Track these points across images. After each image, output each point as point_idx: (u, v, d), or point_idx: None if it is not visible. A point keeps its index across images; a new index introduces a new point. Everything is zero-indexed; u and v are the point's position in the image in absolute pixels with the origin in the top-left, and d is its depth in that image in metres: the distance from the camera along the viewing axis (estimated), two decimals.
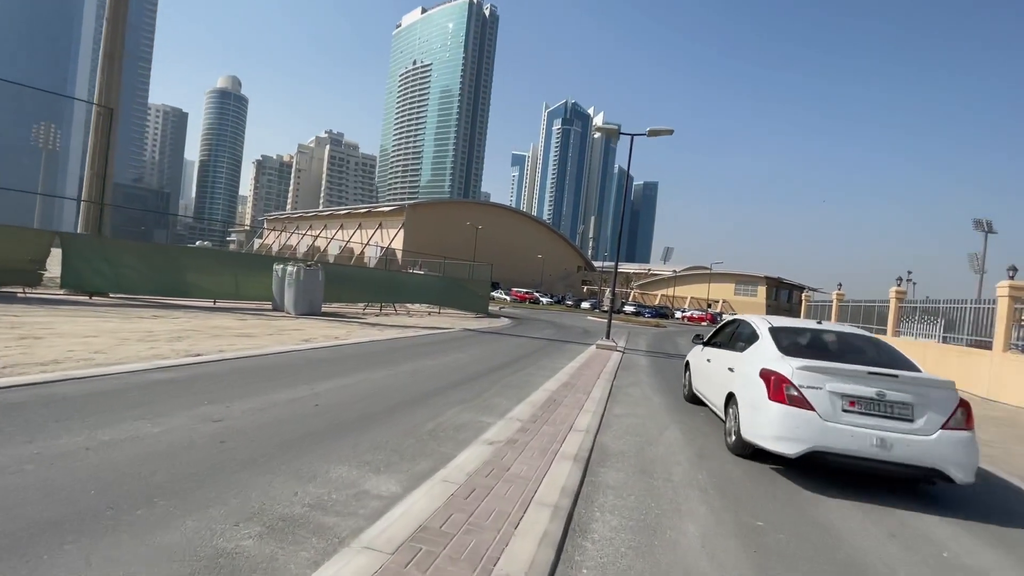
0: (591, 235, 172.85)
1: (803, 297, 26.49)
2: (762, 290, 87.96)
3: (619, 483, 4.06)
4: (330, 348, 9.76)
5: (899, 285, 16.53)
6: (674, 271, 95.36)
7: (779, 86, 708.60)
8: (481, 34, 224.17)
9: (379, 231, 69.68)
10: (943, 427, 4.05)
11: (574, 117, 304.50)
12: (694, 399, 7.45)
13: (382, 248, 62.04)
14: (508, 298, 55.64)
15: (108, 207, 17.30)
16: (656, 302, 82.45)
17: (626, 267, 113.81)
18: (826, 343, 5.20)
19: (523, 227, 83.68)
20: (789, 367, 4.39)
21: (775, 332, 5.27)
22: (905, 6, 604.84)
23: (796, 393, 4.25)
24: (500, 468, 3.94)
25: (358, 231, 72.73)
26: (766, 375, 4.53)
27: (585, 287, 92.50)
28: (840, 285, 21.89)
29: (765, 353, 4.98)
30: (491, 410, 6.04)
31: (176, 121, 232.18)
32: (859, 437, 4.02)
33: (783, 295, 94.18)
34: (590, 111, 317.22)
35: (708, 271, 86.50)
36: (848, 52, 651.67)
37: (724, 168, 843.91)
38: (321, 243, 74.82)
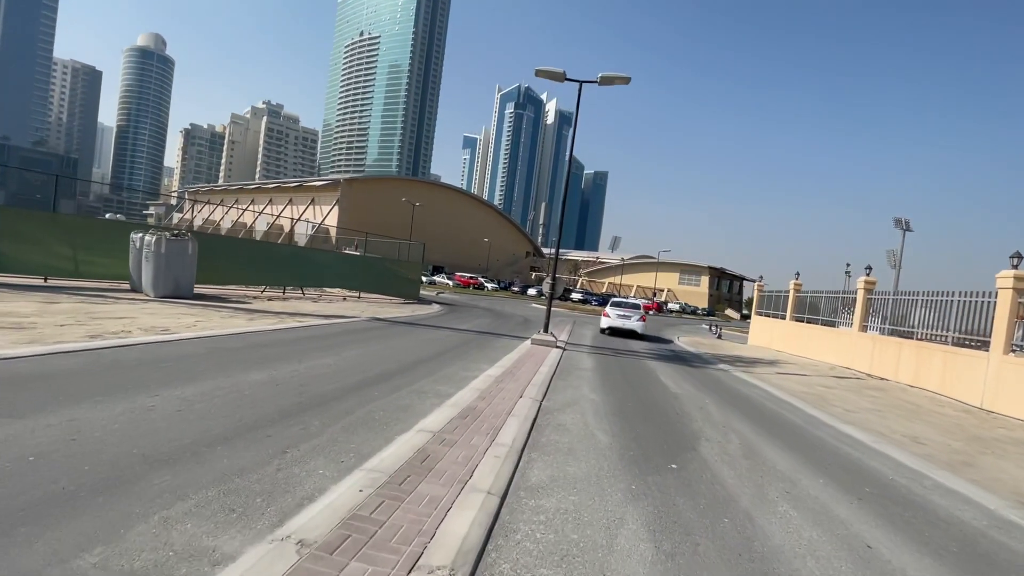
0: (541, 221, 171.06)
1: (756, 287, 25.22)
2: (705, 280, 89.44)
3: None
4: (138, 347, 6.42)
5: (868, 275, 14.91)
6: (622, 259, 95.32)
7: (737, 78, 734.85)
8: (433, 9, 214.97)
9: (312, 207, 63.95)
10: (640, 320, 18.58)
11: (527, 102, 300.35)
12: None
13: (313, 225, 56.76)
14: (451, 283, 52.37)
15: None
16: (603, 290, 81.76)
17: (574, 254, 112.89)
18: (620, 302, 21.02)
19: (471, 210, 80.00)
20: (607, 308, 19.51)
21: (613, 301, 21.00)
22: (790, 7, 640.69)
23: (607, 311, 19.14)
24: None
25: (289, 207, 66.55)
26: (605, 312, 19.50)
27: (534, 273, 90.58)
28: (798, 275, 20.45)
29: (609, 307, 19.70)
30: (277, 497, 3.05)
31: (88, 80, 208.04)
32: (619, 320, 18.47)
33: (724, 285, 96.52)
34: (543, 96, 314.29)
35: (655, 260, 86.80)
36: (792, 52, 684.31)
37: (676, 161, 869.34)
38: (248, 218, 68.24)
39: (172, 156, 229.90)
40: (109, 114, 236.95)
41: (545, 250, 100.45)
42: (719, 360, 14.71)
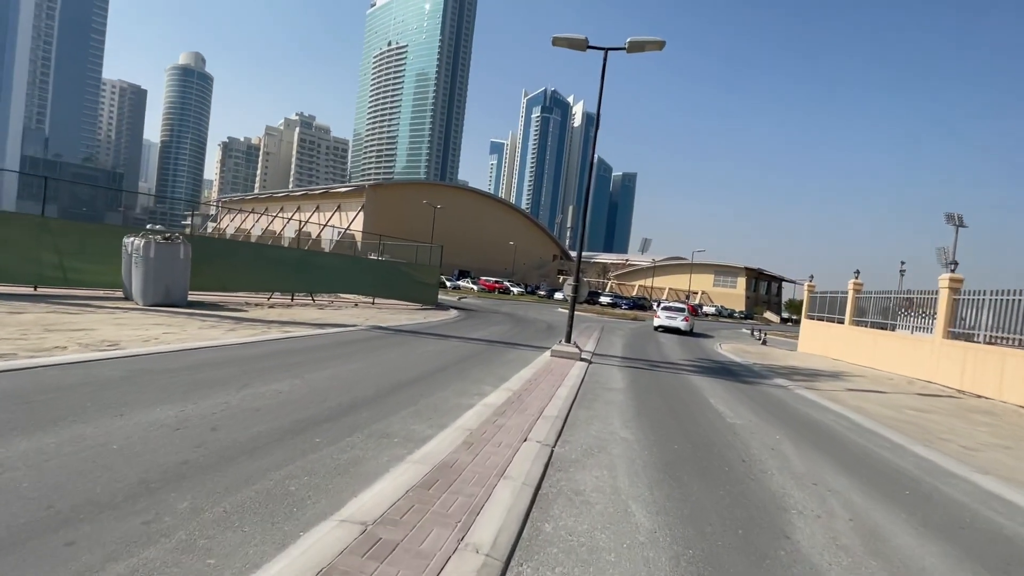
0: (569, 224, 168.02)
1: (806, 288, 22.69)
2: (741, 281, 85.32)
3: None
4: (37, 370, 5.06)
5: (952, 270, 12.53)
6: (653, 260, 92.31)
7: (766, 84, 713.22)
8: (459, 16, 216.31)
9: (338, 214, 63.90)
10: (684, 320, 23.51)
11: (554, 105, 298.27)
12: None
13: (340, 231, 56.52)
14: (475, 288, 51.01)
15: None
16: (633, 293, 78.92)
17: (603, 257, 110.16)
18: (668, 305, 26.15)
19: (497, 214, 78.65)
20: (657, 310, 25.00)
21: (663, 305, 26.68)
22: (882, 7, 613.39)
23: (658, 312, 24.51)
24: None
25: (316, 213, 66.81)
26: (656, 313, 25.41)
27: (561, 277, 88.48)
28: (857, 273, 17.96)
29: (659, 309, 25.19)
30: None
31: (134, 99, 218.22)
32: (668, 320, 23.44)
33: (762, 286, 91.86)
34: (570, 99, 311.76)
35: (687, 262, 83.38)
36: (831, 54, 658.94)
37: (708, 163, 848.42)
38: (278, 226, 69.02)
39: (211, 168, 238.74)
40: (153, 130, 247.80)
41: (573, 253, 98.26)
42: (773, 373, 12.60)
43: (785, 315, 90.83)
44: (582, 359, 10.37)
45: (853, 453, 5.71)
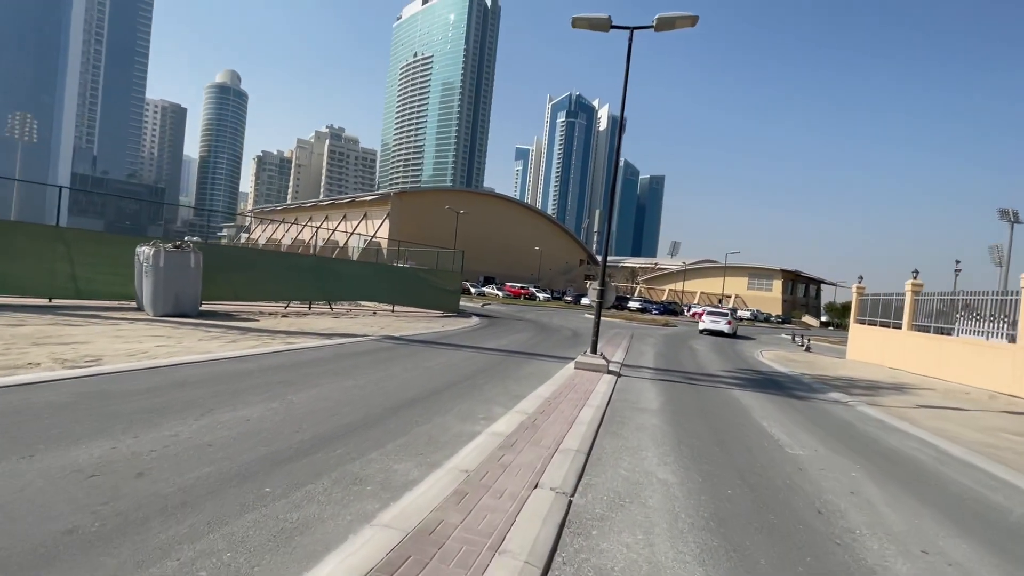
0: (595, 229, 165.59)
1: (855, 290, 20.89)
2: (777, 284, 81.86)
3: None
4: (14, 388, 4.41)
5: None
6: (683, 263, 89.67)
7: (794, 80, 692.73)
8: (483, 25, 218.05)
9: (364, 222, 64.35)
10: (728, 323, 26.16)
11: (579, 110, 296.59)
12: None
13: (366, 239, 56.77)
14: (500, 294, 50.18)
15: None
16: (663, 297, 76.63)
17: (631, 261, 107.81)
18: (712, 311, 28.35)
19: (523, 219, 77.81)
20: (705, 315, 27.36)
21: (708, 310, 28.81)
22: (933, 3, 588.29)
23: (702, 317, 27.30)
24: None
25: (343, 222, 67.51)
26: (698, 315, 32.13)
27: (588, 282, 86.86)
28: (916, 273, 16.24)
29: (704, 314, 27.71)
30: None
31: (175, 117, 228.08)
32: (712, 324, 26.17)
33: (799, 289, 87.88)
34: (595, 103, 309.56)
35: (719, 265, 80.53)
36: (869, 48, 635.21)
37: (736, 164, 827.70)
38: (307, 234, 70.14)
39: (246, 182, 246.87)
40: (192, 146, 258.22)
41: (600, 257, 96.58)
42: (826, 385, 11.21)
43: (824, 318, 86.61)
44: (610, 371, 9.31)
45: (958, 497, 4.50)
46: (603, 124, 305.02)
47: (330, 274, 18.13)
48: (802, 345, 25.43)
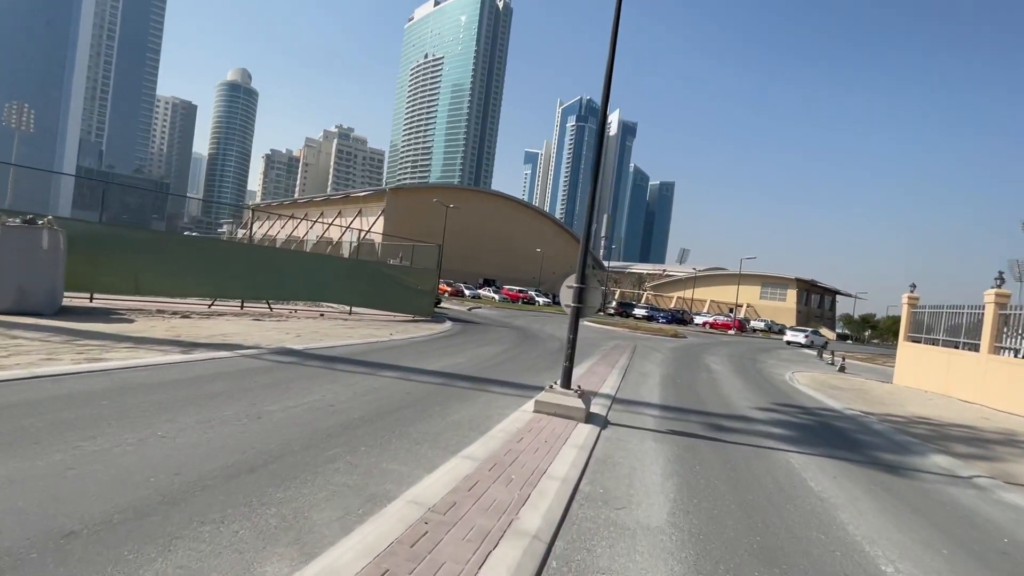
0: (603, 233, 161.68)
1: (906, 300, 17.36)
2: (792, 293, 77.75)
3: None
4: None
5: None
6: (694, 269, 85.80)
7: (809, 84, 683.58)
8: (494, 28, 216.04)
9: (359, 219, 61.40)
10: (804, 337, 36.31)
11: (589, 114, 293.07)
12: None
13: (362, 234, 53.79)
14: (496, 297, 46.81)
15: None
16: (671, 305, 72.82)
17: (639, 267, 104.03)
18: (793, 328, 44.38)
19: (526, 220, 74.40)
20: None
21: (790, 327, 45.52)
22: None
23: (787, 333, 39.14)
24: None
25: (339, 218, 64.64)
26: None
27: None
28: (1000, 280, 12.75)
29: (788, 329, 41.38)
30: None
31: (185, 114, 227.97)
32: (793, 337, 37.01)
33: (814, 300, 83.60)
34: None
35: (730, 272, 76.65)
36: (888, 48, 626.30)
37: (750, 170, 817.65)
38: (302, 231, 67.51)
39: (255, 180, 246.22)
40: (202, 143, 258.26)
41: (607, 263, 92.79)
42: (910, 437, 7.77)
43: (839, 330, 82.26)
44: (589, 418, 5.97)
45: None
46: (614, 128, 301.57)
47: (269, 268, 14.93)
48: (833, 364, 21.88)
